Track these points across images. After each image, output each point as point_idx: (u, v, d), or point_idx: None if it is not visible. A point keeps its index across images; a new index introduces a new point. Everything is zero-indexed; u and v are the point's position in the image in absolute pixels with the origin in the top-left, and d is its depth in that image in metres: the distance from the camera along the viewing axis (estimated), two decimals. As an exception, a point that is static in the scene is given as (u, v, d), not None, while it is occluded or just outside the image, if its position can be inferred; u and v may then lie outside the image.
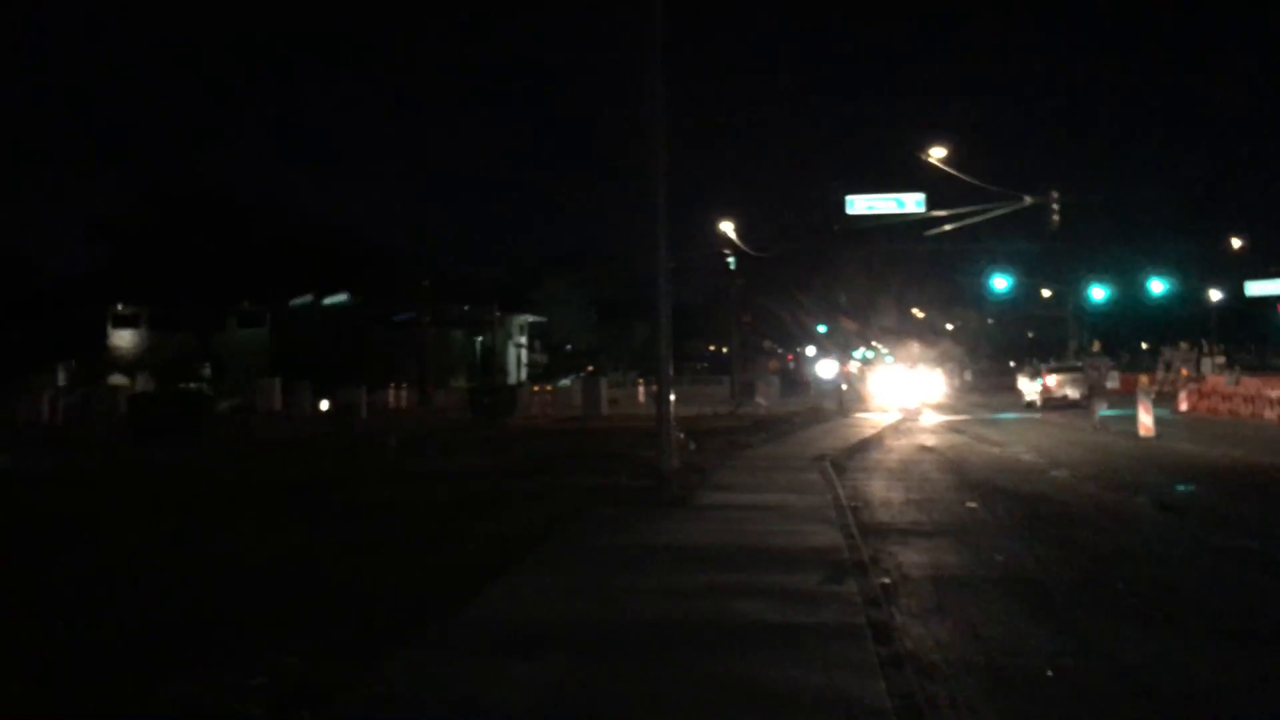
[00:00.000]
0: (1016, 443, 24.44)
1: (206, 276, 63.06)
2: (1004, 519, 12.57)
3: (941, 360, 47.29)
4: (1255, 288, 72.19)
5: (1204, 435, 25.00)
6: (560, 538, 10.57)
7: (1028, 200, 37.68)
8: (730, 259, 51.89)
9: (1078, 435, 26.92)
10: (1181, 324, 74.59)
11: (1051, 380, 41.32)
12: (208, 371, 61.38)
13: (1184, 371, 36.65)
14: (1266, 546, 10.47)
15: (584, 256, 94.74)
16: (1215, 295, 68.60)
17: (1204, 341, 49.89)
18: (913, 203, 39.10)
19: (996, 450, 22.78)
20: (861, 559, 9.39)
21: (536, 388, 46.30)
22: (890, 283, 79.39)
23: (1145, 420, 24.65)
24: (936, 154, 36.70)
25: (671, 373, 14.00)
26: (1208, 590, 8.55)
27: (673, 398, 14.96)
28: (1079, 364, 45.54)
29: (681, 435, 17.62)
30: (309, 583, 8.78)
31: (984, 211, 38.72)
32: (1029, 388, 43.36)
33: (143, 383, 60.79)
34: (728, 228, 49.19)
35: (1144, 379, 26.96)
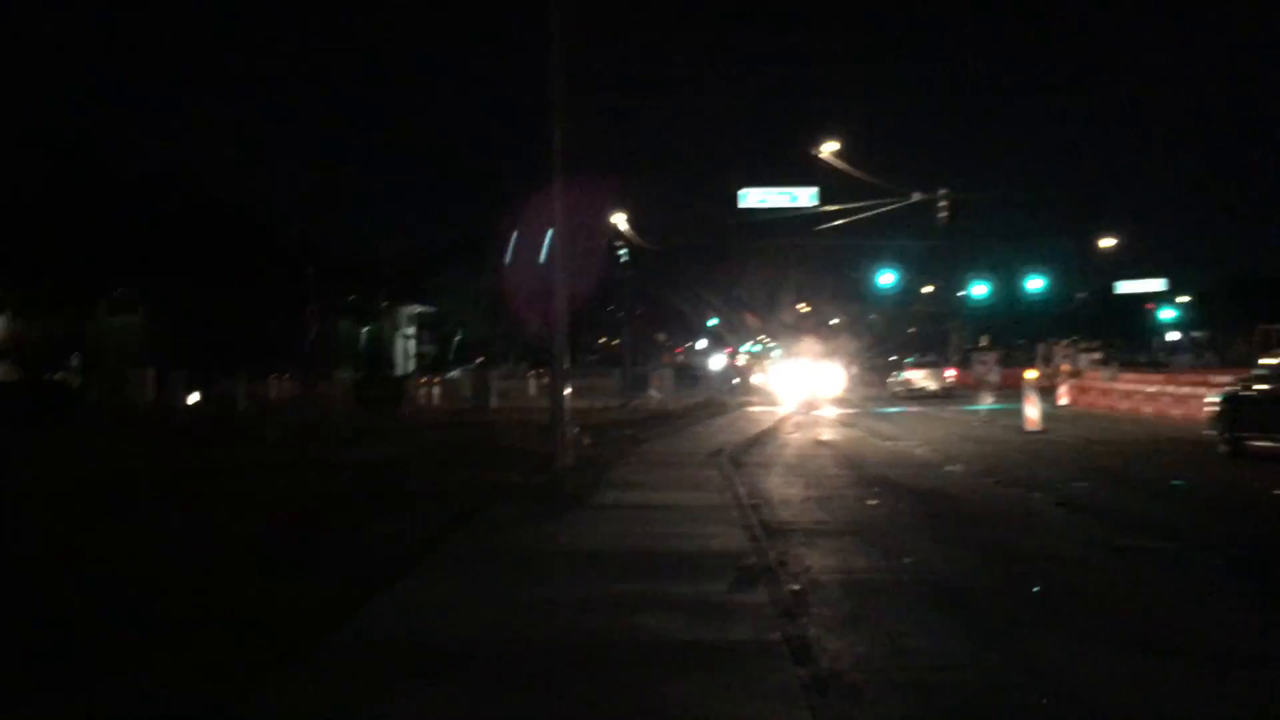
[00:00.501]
0: (908, 437, 24.51)
1: (78, 260, 59.99)
2: (907, 517, 12.31)
3: (834, 355, 48.05)
4: (1124, 286, 75.01)
5: (1087, 430, 25.44)
6: (453, 541, 9.90)
7: (917, 196, 38.17)
8: (623, 251, 51.51)
9: (966, 429, 27.18)
10: (1056, 320, 76.83)
11: (915, 374, 45.81)
12: (77, 360, 58.42)
13: (1064, 367, 37.50)
14: (1167, 546, 10.37)
15: (479, 247, 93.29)
16: (1090, 293, 70.73)
17: (1083, 338, 51.24)
18: (806, 197, 39.29)
19: (889, 444, 22.78)
20: (769, 563, 8.95)
21: (424, 379, 45.19)
22: (784, 278, 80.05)
23: (1032, 415, 24.95)
24: (829, 149, 36.86)
25: (567, 365, 13.41)
26: (1124, 596, 8.31)
27: (567, 391, 14.39)
28: (933, 358, 51.12)
29: (576, 430, 17.05)
30: (167, 593, 7.95)
31: (875, 207, 39.10)
32: (893, 381, 47.44)
33: (4, 372, 57.58)
34: (621, 220, 48.77)
35: (1031, 373, 27.28)
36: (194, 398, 39.91)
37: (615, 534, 10.38)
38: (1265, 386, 17.34)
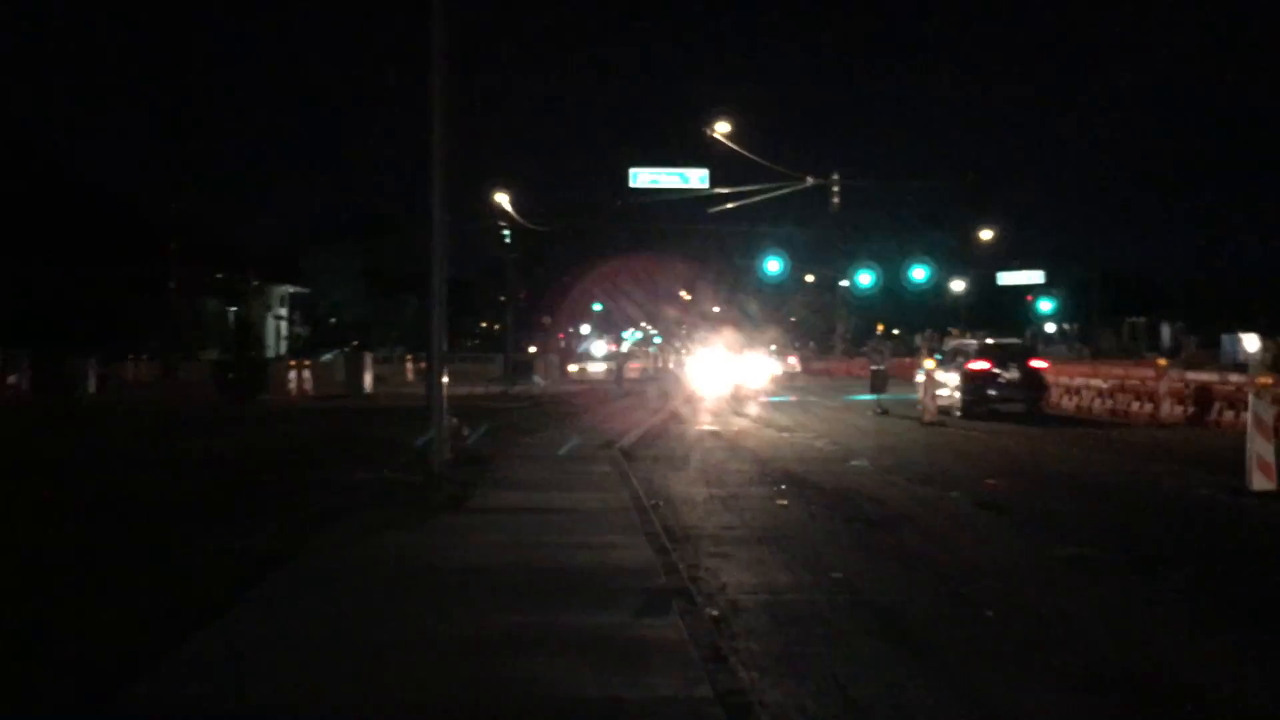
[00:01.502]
0: (803, 428, 23.61)
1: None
2: (823, 521, 11.19)
3: (755, 345, 48.17)
4: (1006, 278, 76.22)
5: (984, 422, 24.89)
6: (304, 556, 8.34)
7: (810, 181, 37.34)
8: (506, 232, 49.72)
9: (862, 420, 26.44)
10: (937, 310, 77.71)
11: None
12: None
13: (954, 357, 37.16)
14: (1106, 555, 9.44)
15: (357, 228, 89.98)
16: (972, 284, 71.55)
17: (968, 329, 51.49)
18: (696, 179, 38.01)
19: (787, 436, 21.80)
20: (682, 583, 7.66)
21: (294, 362, 42.73)
22: (671, 263, 79.12)
23: (930, 406, 24.30)
24: (721, 129, 35.73)
25: (446, 348, 11.91)
26: (1081, 621, 7.26)
27: (445, 379, 12.83)
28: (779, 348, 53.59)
29: (455, 420, 15.50)
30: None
31: (767, 191, 38.19)
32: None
33: None
34: (504, 199, 46.97)
35: (929, 363, 26.64)
36: (12, 379, 35.53)
37: (499, 544, 8.96)
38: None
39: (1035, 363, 26.78)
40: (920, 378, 25.75)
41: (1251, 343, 34.24)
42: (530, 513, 10.71)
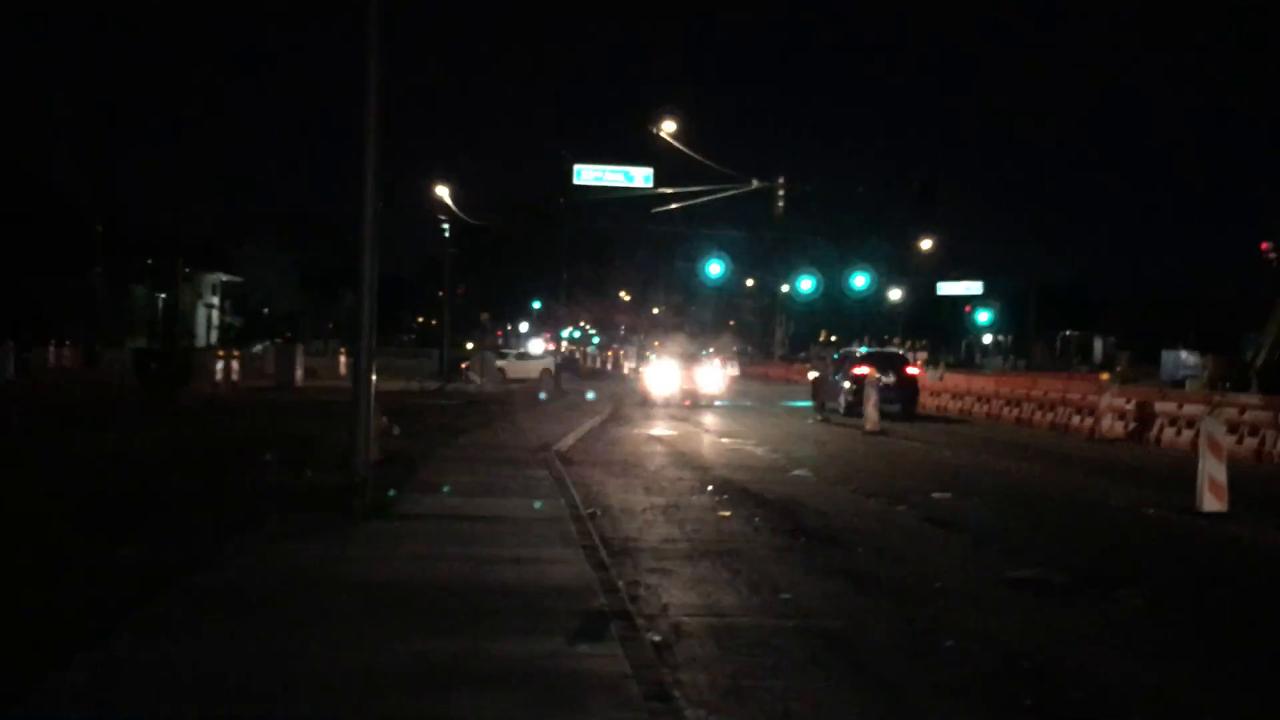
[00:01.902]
0: (744, 433, 23.19)
1: None
2: (767, 535, 10.69)
3: (711, 351, 47.89)
4: (945, 288, 76.72)
5: (926, 432, 24.68)
6: (200, 573, 7.57)
7: (756, 183, 37.02)
8: (445, 226, 48.77)
9: (804, 426, 26.13)
10: (879, 318, 78.01)
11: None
12: None
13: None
14: (1061, 577, 9.03)
15: (293, 219, 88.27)
16: (909, 292, 71.84)
17: (908, 337, 51.60)
18: (641, 177, 37.47)
19: (726, 441, 21.35)
20: (622, 604, 7.09)
21: (222, 353, 41.45)
22: (612, 261, 78.57)
23: (873, 415, 23.99)
24: (668, 129, 35.24)
25: (374, 343, 11.20)
26: (1045, 653, 6.80)
27: (374, 375, 12.02)
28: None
29: (384, 419, 14.79)
30: None
31: (712, 193, 37.78)
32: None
33: None
34: (444, 193, 46.06)
35: (870, 371, 26.41)
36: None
37: (425, 557, 8.31)
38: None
39: (910, 370, 30.62)
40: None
41: (1190, 360, 34.47)
42: (459, 520, 10.07)
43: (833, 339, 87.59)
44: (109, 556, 7.95)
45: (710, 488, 14.06)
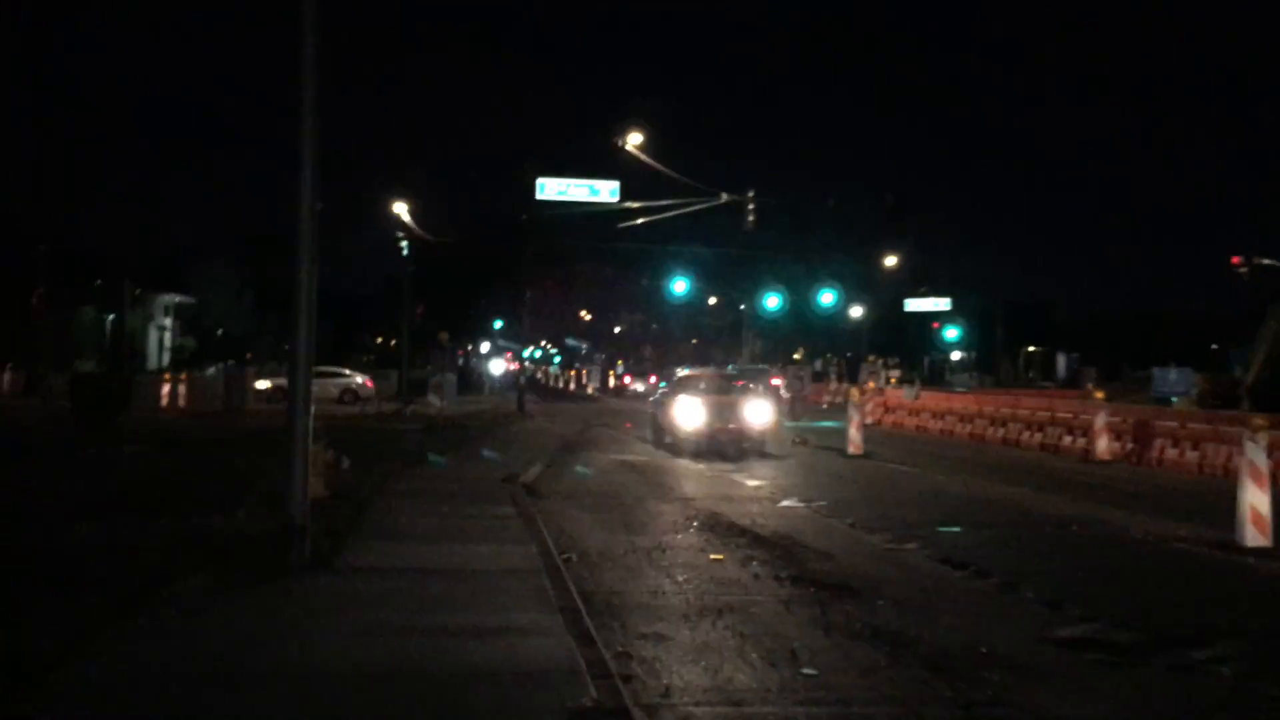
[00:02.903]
0: (720, 458, 21.76)
1: None
2: (769, 584, 9.31)
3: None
4: (913, 304, 75.94)
5: (910, 454, 23.47)
6: (73, 666, 5.99)
7: (725, 198, 35.83)
8: (404, 244, 47.17)
9: (782, 450, 24.79)
10: (845, 335, 77.13)
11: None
12: None
13: (870, 384, 35.88)
14: (1118, 634, 7.76)
15: (251, 241, 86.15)
16: (876, 309, 71.04)
17: (879, 355, 50.55)
18: (607, 191, 36.16)
19: (704, 468, 19.96)
20: (618, 698, 5.67)
21: (169, 376, 39.59)
22: (575, 279, 77.15)
23: (856, 438, 22.72)
24: (634, 141, 33.98)
25: (312, 364, 9.75)
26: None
27: (312, 404, 10.51)
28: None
29: (330, 453, 13.26)
30: None
31: (679, 207, 36.57)
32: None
33: None
34: (402, 209, 44.51)
35: (855, 391, 25.17)
36: None
37: (364, 631, 6.83)
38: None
39: (775, 381, 33.26)
40: (849, 407, 24.23)
41: (1175, 378, 33.59)
42: (414, 576, 8.61)
43: (795, 356, 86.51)
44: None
45: (695, 523, 12.68)
